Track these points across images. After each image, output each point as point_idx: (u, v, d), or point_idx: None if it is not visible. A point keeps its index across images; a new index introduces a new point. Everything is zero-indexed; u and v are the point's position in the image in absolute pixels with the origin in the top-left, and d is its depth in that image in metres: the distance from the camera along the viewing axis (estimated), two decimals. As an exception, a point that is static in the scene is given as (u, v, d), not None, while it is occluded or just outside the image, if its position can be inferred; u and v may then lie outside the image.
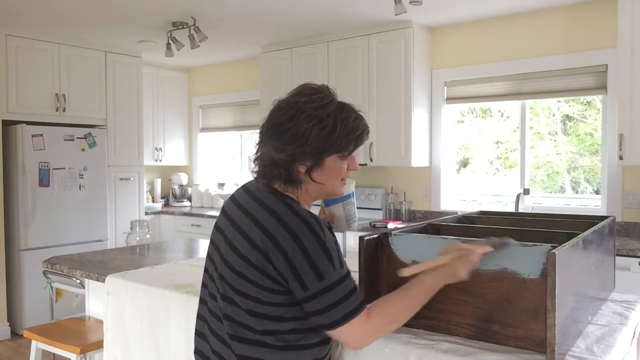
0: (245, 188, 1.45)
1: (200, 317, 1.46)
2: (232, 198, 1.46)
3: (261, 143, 1.36)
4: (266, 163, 1.34)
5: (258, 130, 1.40)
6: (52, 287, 2.99)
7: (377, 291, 1.54)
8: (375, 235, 1.55)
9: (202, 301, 1.46)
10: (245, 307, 1.29)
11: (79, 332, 2.62)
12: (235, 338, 1.31)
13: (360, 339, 1.30)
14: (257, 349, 1.29)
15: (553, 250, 1.26)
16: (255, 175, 1.40)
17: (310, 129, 1.30)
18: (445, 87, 4.54)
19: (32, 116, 4.73)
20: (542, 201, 4.24)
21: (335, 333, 1.28)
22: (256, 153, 1.39)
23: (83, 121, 5.11)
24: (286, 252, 1.23)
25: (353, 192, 1.73)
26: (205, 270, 1.46)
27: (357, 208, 1.82)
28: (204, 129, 6.46)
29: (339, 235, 2.07)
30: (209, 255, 1.45)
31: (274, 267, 1.24)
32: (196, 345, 1.46)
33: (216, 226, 1.45)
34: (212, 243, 1.44)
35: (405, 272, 1.39)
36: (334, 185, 1.41)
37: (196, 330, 1.47)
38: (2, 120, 4.60)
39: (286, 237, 1.25)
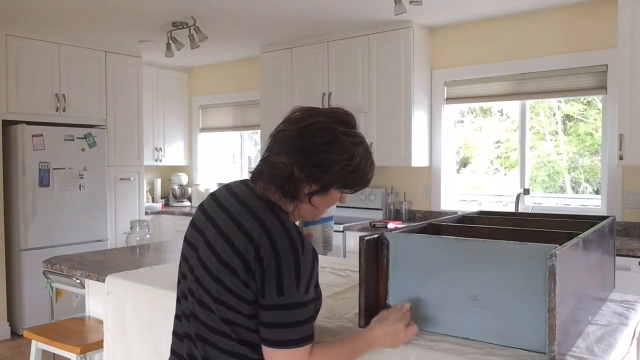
0: (229, 189, 1.41)
1: (177, 317, 1.43)
2: (214, 198, 1.41)
3: (280, 150, 1.30)
4: (280, 173, 1.29)
5: (258, 131, 1.38)
6: (52, 287, 2.98)
7: (377, 291, 1.54)
8: (375, 235, 1.55)
9: (178, 300, 1.44)
10: (219, 315, 1.26)
11: (79, 332, 2.62)
12: (209, 343, 1.29)
13: None
14: (233, 357, 1.27)
15: (553, 250, 1.26)
16: (251, 176, 1.36)
17: (338, 161, 1.28)
18: (445, 87, 4.54)
19: (32, 116, 4.74)
20: (542, 201, 4.24)
21: (273, 353, 1.23)
22: (267, 154, 1.33)
23: (83, 121, 5.11)
24: (263, 259, 1.22)
25: (333, 215, 1.73)
26: (179, 267, 1.44)
27: (357, 208, 1.81)
28: (204, 129, 6.46)
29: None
30: (183, 254, 1.42)
31: (252, 276, 1.23)
32: (172, 346, 1.43)
33: (193, 225, 1.40)
34: (188, 243, 1.40)
35: None
36: (322, 211, 1.43)
37: (173, 330, 1.44)
38: (2, 120, 4.60)
39: (267, 245, 1.22)
